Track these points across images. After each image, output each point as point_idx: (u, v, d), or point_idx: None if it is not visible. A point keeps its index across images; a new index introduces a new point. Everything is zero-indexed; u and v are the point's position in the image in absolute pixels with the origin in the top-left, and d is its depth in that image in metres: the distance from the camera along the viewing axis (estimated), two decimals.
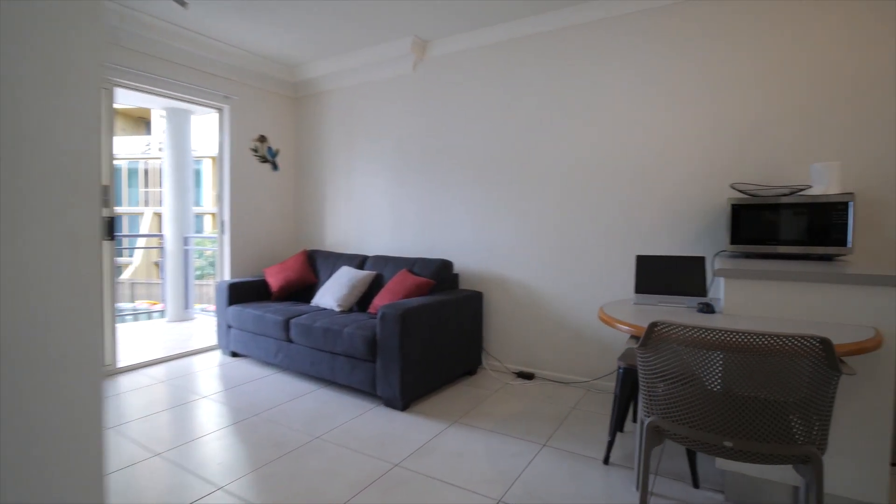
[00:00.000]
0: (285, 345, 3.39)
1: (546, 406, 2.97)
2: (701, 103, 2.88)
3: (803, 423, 1.41)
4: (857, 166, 2.52)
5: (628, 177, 3.10)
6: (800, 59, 2.62)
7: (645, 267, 2.43)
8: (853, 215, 2.17)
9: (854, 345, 1.46)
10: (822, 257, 2.32)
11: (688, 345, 1.49)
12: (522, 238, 3.51)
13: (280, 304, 3.73)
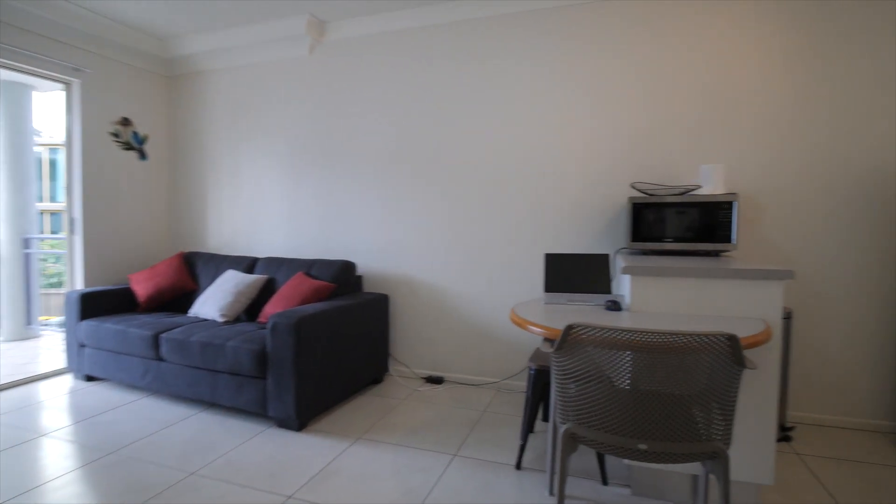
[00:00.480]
0: (155, 364, 2.87)
1: (456, 411, 2.84)
2: (604, 105, 2.94)
3: (710, 418, 1.41)
4: (740, 168, 2.73)
5: (537, 175, 3.09)
6: (690, 67, 2.78)
7: (553, 265, 2.40)
8: (737, 214, 2.32)
9: (751, 338, 1.50)
10: (709, 253, 2.47)
11: (603, 346, 1.43)
12: (431, 237, 3.36)
13: (149, 317, 3.17)
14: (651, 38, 2.83)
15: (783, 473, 2.16)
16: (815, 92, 2.59)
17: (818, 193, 2.61)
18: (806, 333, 2.66)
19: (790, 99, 2.63)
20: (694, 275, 1.84)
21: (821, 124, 2.59)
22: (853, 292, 2.59)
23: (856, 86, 2.53)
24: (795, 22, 2.60)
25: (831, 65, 2.56)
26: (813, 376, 2.67)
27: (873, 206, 2.54)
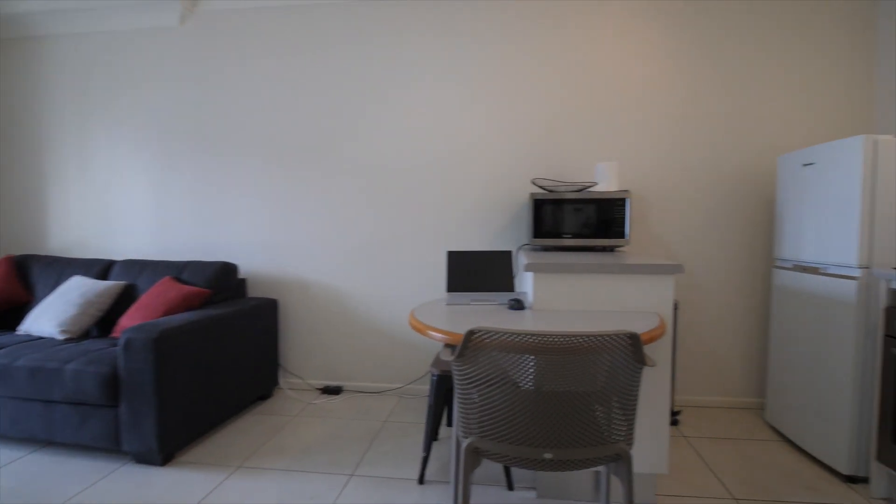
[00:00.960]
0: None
1: (355, 424, 2.62)
2: (506, 101, 2.89)
3: (613, 418, 1.37)
4: (631, 166, 2.83)
5: (441, 170, 2.96)
6: (586, 65, 2.83)
7: (456, 263, 2.28)
8: (629, 211, 2.38)
9: (649, 333, 1.48)
10: (605, 248, 2.51)
11: (507, 350, 1.32)
12: (327, 235, 3.08)
13: None
14: (550, 35, 2.84)
15: (673, 458, 2.25)
16: (700, 96, 2.77)
17: (699, 193, 2.80)
18: (688, 322, 2.85)
19: (677, 102, 2.78)
20: (594, 271, 1.82)
21: (704, 128, 2.77)
22: (727, 284, 2.81)
23: (737, 93, 2.75)
24: (682, 26, 2.76)
25: (715, 71, 2.75)
26: (694, 362, 2.86)
27: (747, 207, 2.77)
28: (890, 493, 1.92)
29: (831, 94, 2.68)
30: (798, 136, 2.72)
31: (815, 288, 2.20)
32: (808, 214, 2.25)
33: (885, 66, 2.62)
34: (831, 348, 2.10)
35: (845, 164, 2.02)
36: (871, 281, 1.96)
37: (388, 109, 2.99)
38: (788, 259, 2.41)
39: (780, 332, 2.46)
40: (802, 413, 2.27)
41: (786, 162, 2.43)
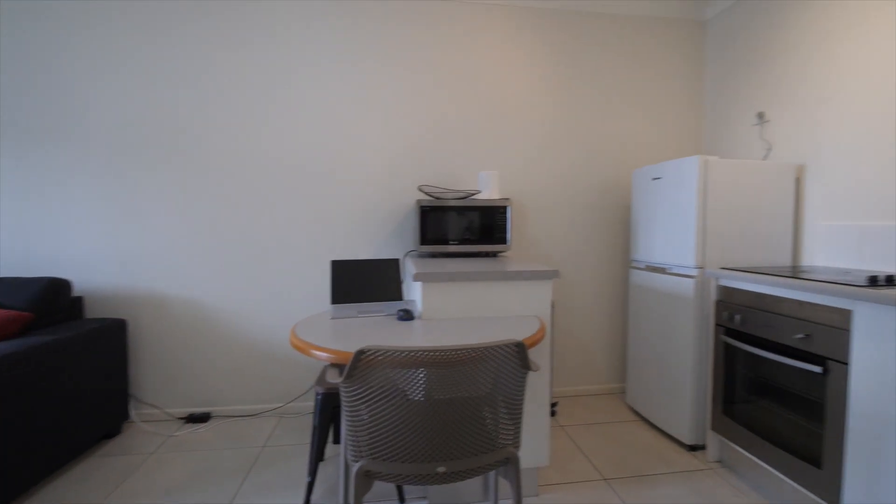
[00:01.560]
0: None
1: (228, 454, 2.35)
2: (393, 107, 2.83)
3: (501, 422, 1.40)
4: (511, 175, 2.97)
5: (324, 174, 2.80)
6: (468, 75, 2.89)
7: (341, 273, 2.16)
8: (510, 217, 2.50)
9: (532, 338, 1.55)
10: (489, 254, 2.60)
11: (397, 367, 1.27)
12: (189, 244, 2.72)
13: None
14: (439, 42, 2.85)
15: (552, 448, 2.41)
16: (570, 113, 3.01)
17: (569, 201, 3.04)
18: (562, 319, 3.08)
19: (551, 116, 2.99)
20: (480, 278, 1.86)
21: (573, 142, 3.02)
22: (594, 283, 3.10)
23: (600, 112, 3.03)
24: (554, 41, 2.97)
25: (583, 91, 3.01)
26: (567, 355, 3.11)
27: (609, 214, 3.09)
28: (722, 456, 2.27)
29: (673, 117, 3.12)
30: (649, 152, 3.11)
31: (662, 285, 2.53)
32: (657, 222, 2.57)
33: (711, 92, 3.11)
34: (676, 337, 2.42)
35: (685, 179, 2.35)
36: (705, 279, 2.31)
37: (269, 106, 2.74)
38: (642, 260, 2.74)
39: (636, 324, 2.78)
40: (654, 394, 2.60)
41: (639, 176, 2.75)
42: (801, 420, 1.81)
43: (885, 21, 2.04)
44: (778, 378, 1.93)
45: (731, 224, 2.32)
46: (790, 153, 2.49)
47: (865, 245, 2.11)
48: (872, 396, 1.52)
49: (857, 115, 2.15)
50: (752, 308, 2.02)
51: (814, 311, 1.73)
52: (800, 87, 2.43)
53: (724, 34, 2.98)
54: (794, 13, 2.47)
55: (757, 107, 2.70)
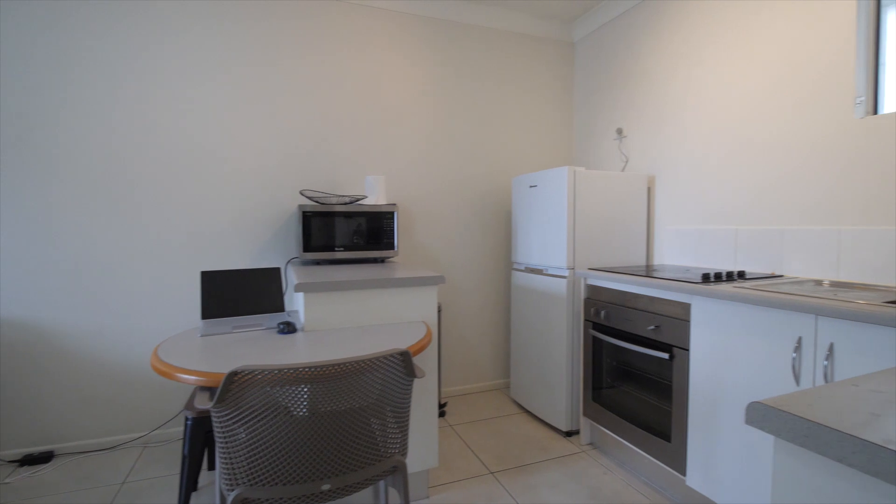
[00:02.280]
0: None
1: (78, 497, 2.03)
2: (273, 106, 2.67)
3: (387, 431, 1.39)
4: (398, 180, 2.97)
5: (193, 175, 2.53)
6: (354, 77, 2.83)
7: (213, 285, 1.99)
8: (397, 223, 2.50)
9: (418, 345, 1.57)
10: (376, 260, 2.58)
11: (276, 385, 1.20)
12: (24, 256, 2.29)
13: None
14: (318, 46, 2.75)
15: (442, 448, 2.46)
16: (456, 120, 3.09)
17: (455, 206, 3.13)
18: (450, 321, 3.17)
19: (437, 123, 3.05)
20: (365, 286, 1.83)
21: (459, 149, 3.11)
22: (480, 284, 3.24)
23: (483, 121, 3.16)
24: (439, 48, 3.03)
25: (467, 100, 3.11)
26: (456, 355, 3.20)
27: (493, 219, 3.24)
28: (593, 439, 2.51)
29: (549, 129, 3.37)
30: (528, 161, 3.33)
31: (540, 286, 2.72)
32: (534, 226, 2.76)
33: (579, 108, 3.42)
34: (552, 333, 2.62)
35: (556, 188, 2.55)
36: (575, 279, 2.53)
37: (126, 94, 2.41)
38: (522, 262, 2.92)
39: (518, 322, 2.96)
40: (534, 387, 2.79)
41: (518, 183, 2.93)
42: (655, 401, 2.07)
43: (713, 51, 2.42)
44: (636, 365, 2.18)
45: (597, 228, 2.58)
46: (643, 165, 2.84)
47: (703, 246, 2.48)
48: (707, 377, 1.79)
49: (694, 132, 2.52)
50: (614, 304, 2.26)
51: (662, 306, 1.99)
52: (650, 107, 2.79)
53: (589, 56, 3.30)
54: (647, 40, 2.82)
55: (616, 123, 3.03)
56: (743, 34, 2.25)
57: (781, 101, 2.10)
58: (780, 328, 1.53)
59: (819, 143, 1.96)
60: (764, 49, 2.16)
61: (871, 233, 1.80)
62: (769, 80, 2.14)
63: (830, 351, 1.40)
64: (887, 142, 1.76)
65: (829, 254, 1.93)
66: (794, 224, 2.06)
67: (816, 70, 1.97)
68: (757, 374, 1.61)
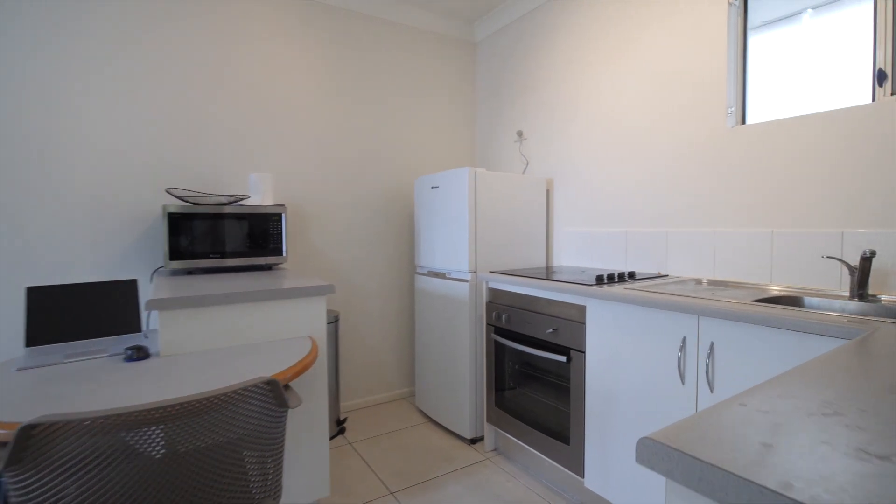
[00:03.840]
0: None
1: None
2: (142, 98, 2.27)
3: (261, 473, 1.19)
4: (288, 179, 2.70)
5: (21, 170, 2.07)
6: (236, 65, 2.52)
7: (43, 305, 1.61)
8: (286, 225, 2.25)
9: (297, 366, 1.37)
10: (262, 267, 2.31)
11: (101, 433, 0.95)
12: None
13: None
14: (192, 32, 2.40)
15: (339, 468, 2.26)
16: (355, 118, 2.89)
17: (353, 206, 2.94)
18: (351, 329, 2.97)
19: (330, 115, 2.82)
20: (235, 301, 1.59)
21: (359, 148, 2.91)
22: (383, 289, 3.07)
23: (385, 120, 2.99)
24: (335, 40, 2.80)
25: (367, 96, 2.92)
26: (358, 366, 3.01)
27: (396, 221, 3.08)
28: (497, 444, 2.47)
29: (451, 129, 3.30)
30: (431, 161, 3.22)
31: (443, 290, 2.63)
32: (437, 229, 2.66)
33: (482, 109, 3.39)
34: (456, 338, 2.54)
35: (458, 189, 2.47)
36: (477, 282, 2.47)
37: None
38: (425, 266, 2.81)
39: (422, 328, 2.85)
40: (439, 394, 2.69)
41: (420, 184, 2.81)
42: (555, 404, 2.05)
43: (604, 57, 2.48)
44: (538, 369, 2.16)
45: (498, 231, 2.54)
46: (543, 168, 2.87)
47: (596, 247, 2.54)
48: (602, 379, 1.80)
49: (587, 136, 2.58)
50: (515, 307, 2.22)
51: (560, 308, 1.98)
52: (548, 110, 2.82)
53: (491, 56, 3.28)
54: (544, 44, 2.84)
55: (517, 125, 3.04)
56: (631, 44, 2.33)
57: (665, 109, 2.20)
58: (666, 329, 1.56)
59: (698, 150, 2.08)
60: (650, 58, 2.25)
61: (741, 234, 1.93)
62: (654, 88, 2.24)
63: (711, 350, 1.44)
64: (754, 149, 1.89)
65: (707, 254, 2.04)
66: (677, 226, 2.17)
67: (695, 80, 2.08)
68: (647, 374, 1.63)
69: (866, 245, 1.59)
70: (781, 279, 1.81)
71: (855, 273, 1.54)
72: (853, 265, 1.55)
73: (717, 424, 0.57)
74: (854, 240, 1.62)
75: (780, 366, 1.28)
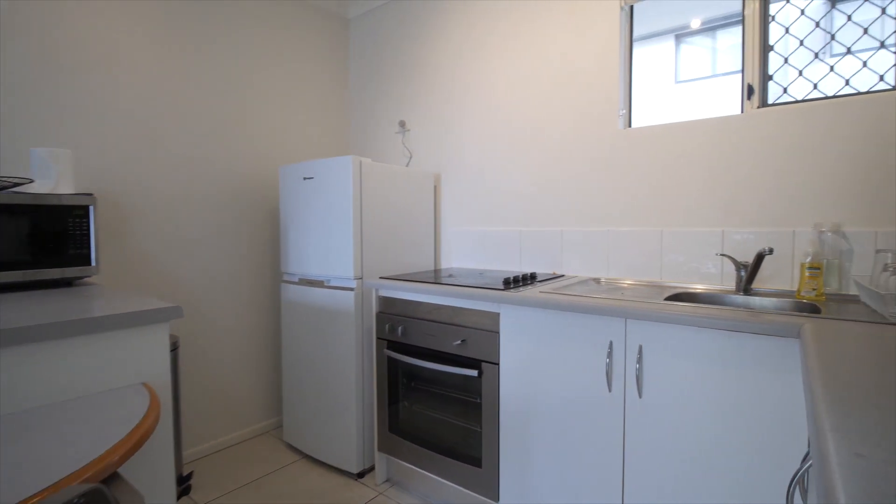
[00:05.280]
0: None
1: None
2: None
3: None
4: (98, 159, 1.97)
5: None
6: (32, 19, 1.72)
7: None
8: (95, 223, 1.60)
9: (128, 442, 0.88)
10: (58, 283, 1.61)
11: None
12: None
13: None
14: None
15: None
16: (193, 80, 2.25)
17: (197, 199, 2.31)
18: (194, 358, 2.34)
19: (162, 78, 2.16)
20: (14, 341, 1.00)
21: (198, 121, 2.29)
22: (237, 303, 2.49)
23: (238, 98, 2.40)
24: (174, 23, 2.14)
25: (215, 71, 2.30)
26: (206, 402, 2.39)
27: (255, 218, 2.52)
28: (390, 475, 2.15)
29: (322, 111, 2.85)
30: (299, 147, 2.74)
31: (321, 301, 2.21)
32: (311, 227, 2.23)
33: (357, 93, 3.02)
34: (337, 357, 2.15)
35: (340, 181, 2.09)
36: (365, 290, 2.12)
37: None
38: (295, 273, 2.34)
39: (292, 346, 2.37)
40: (316, 425, 2.26)
41: (287, 174, 2.34)
42: (464, 423, 1.83)
43: (498, 50, 2.35)
44: (442, 386, 1.92)
45: (385, 230, 2.23)
46: (429, 161, 2.64)
47: (489, 247, 2.40)
48: (519, 392, 1.63)
49: (480, 130, 2.43)
50: (413, 318, 1.94)
51: (468, 317, 1.76)
52: (435, 100, 2.60)
53: (367, 36, 2.93)
54: (431, 30, 2.61)
55: (400, 114, 2.76)
56: (525, 37, 2.24)
57: (561, 107, 2.15)
58: (592, 334, 1.46)
59: (593, 149, 2.07)
60: (546, 54, 2.18)
61: (634, 233, 1.96)
62: (550, 85, 2.18)
63: (640, 353, 1.37)
64: (643, 151, 1.94)
65: (601, 253, 2.04)
66: (572, 226, 2.14)
67: (590, 80, 2.06)
68: (570, 383, 1.51)
69: (742, 242, 1.71)
70: (670, 276, 1.87)
71: (742, 269, 1.63)
72: (741, 262, 1.64)
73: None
74: (733, 237, 1.73)
75: (710, 365, 1.25)
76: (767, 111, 1.70)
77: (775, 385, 1.16)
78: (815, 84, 1.68)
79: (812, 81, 1.69)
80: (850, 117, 1.53)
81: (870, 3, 1.58)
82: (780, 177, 1.65)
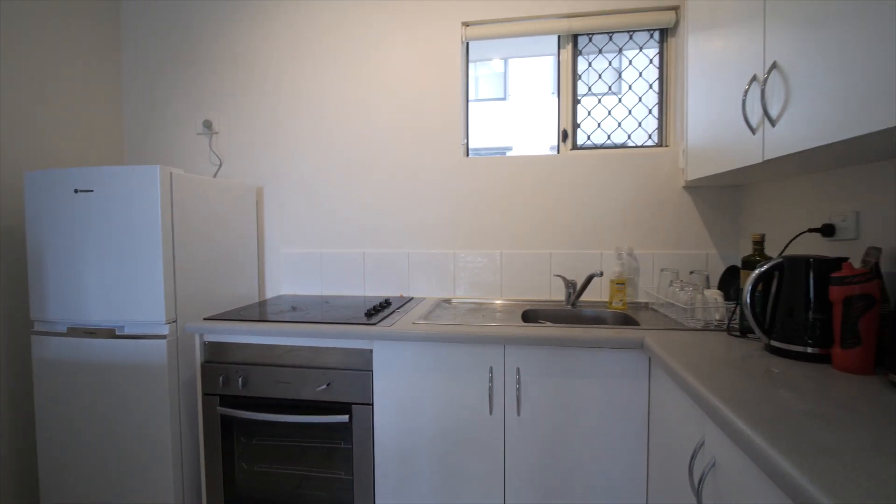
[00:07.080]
0: None
1: None
2: None
3: None
4: None
5: None
6: None
7: None
8: None
9: None
10: None
11: None
12: None
13: None
14: None
15: None
16: None
17: None
18: None
19: None
20: None
21: None
22: None
23: None
24: None
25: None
26: None
27: None
28: None
29: (85, 107, 2.10)
30: (51, 149, 1.95)
31: (109, 357, 1.64)
32: (93, 258, 1.63)
33: (135, 82, 2.34)
34: (142, 432, 1.64)
35: (141, 196, 1.59)
36: (182, 336, 1.67)
37: None
38: (59, 321, 1.68)
39: (54, 430, 1.69)
40: None
41: (42, 182, 1.65)
42: (329, 474, 1.63)
43: (333, 57, 2.17)
44: (301, 438, 1.66)
45: (203, 257, 1.81)
46: (247, 172, 2.25)
47: (329, 271, 2.20)
48: (396, 431, 1.54)
49: (315, 142, 2.19)
50: (257, 365, 1.62)
51: (334, 356, 1.58)
52: (255, 101, 2.23)
53: (151, 16, 2.31)
54: (251, 21, 2.22)
55: (204, 113, 2.27)
56: (372, 62, 2.14)
57: (409, 128, 2.12)
58: (473, 361, 1.49)
59: (439, 174, 2.11)
60: (390, 79, 2.12)
61: (477, 255, 2.09)
62: (395, 108, 2.13)
63: (518, 375, 1.47)
64: (481, 178, 2.09)
65: (447, 275, 2.12)
66: (419, 247, 2.15)
67: (437, 105, 2.10)
68: (452, 411, 1.51)
69: (565, 262, 2.03)
70: (510, 293, 2.07)
71: (570, 287, 1.93)
72: (570, 280, 1.94)
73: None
74: (559, 258, 2.04)
75: (572, 380, 1.43)
76: (577, 154, 2.05)
77: (623, 387, 1.40)
78: (608, 135, 2.12)
79: (606, 132, 2.12)
80: (633, 164, 1.98)
81: (653, 66, 2.08)
82: (588, 208, 2.02)
